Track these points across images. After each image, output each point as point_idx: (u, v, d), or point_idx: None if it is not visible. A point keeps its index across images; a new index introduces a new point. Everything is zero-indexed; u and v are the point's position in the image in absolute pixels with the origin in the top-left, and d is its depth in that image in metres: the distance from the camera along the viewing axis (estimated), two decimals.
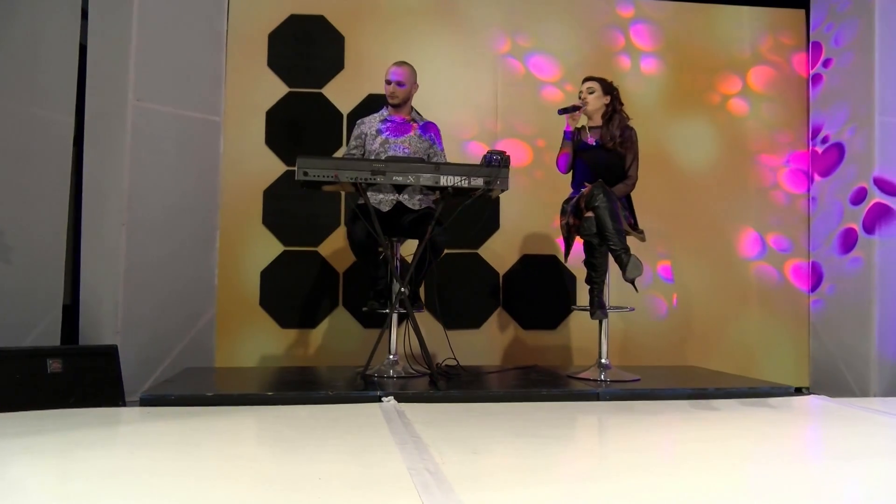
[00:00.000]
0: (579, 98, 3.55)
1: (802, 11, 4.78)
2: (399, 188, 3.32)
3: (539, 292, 4.48)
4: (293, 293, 4.34)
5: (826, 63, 4.51)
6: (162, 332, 3.95)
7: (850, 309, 4.21)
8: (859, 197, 4.24)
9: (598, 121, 3.52)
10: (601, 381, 3.29)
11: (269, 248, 4.36)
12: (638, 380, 3.29)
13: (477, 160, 4.38)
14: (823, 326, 4.46)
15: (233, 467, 1.94)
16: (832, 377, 4.31)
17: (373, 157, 3.47)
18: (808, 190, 4.70)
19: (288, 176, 4.37)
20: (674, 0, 4.76)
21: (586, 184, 3.36)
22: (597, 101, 3.53)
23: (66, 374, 2.83)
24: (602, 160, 3.47)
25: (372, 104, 4.42)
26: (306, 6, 4.48)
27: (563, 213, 3.46)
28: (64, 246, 4.31)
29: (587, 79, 3.62)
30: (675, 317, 4.57)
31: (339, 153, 4.38)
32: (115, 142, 3.90)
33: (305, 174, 2.97)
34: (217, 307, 4.20)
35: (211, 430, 2.39)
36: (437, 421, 2.54)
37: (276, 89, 4.43)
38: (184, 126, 4.07)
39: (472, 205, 3.28)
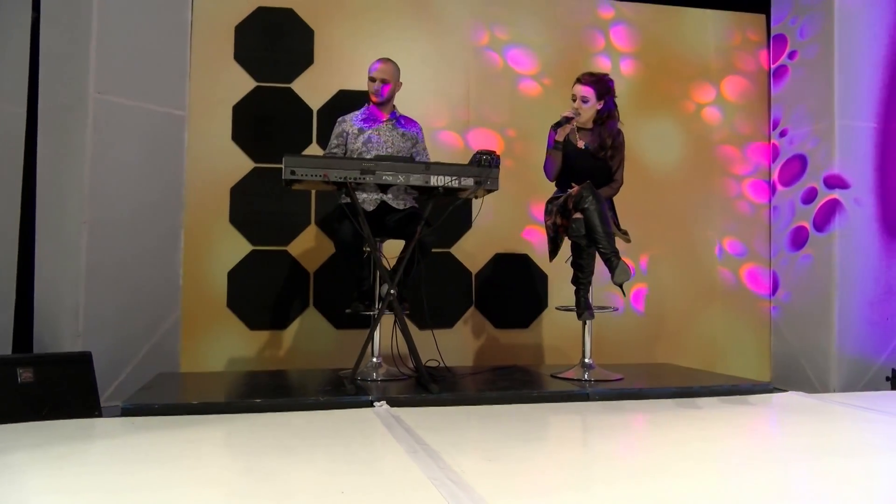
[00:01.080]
0: (572, 102, 3.44)
1: (763, 16, 4.91)
2: (384, 187, 3.26)
3: (511, 291, 4.48)
4: (262, 294, 4.22)
5: (791, 55, 4.61)
6: (125, 336, 3.80)
7: (811, 306, 4.35)
8: (810, 196, 4.40)
9: (588, 124, 3.47)
10: (586, 380, 3.31)
11: (236, 247, 4.22)
12: (621, 378, 3.32)
13: (448, 149, 4.42)
14: (784, 323, 4.60)
15: (250, 482, 1.87)
16: (793, 372, 4.45)
17: (355, 156, 3.40)
18: (770, 200, 4.82)
19: (256, 173, 4.25)
20: (642, 2, 4.82)
21: (573, 184, 3.35)
22: (590, 111, 3.44)
23: (38, 384, 2.68)
24: (589, 163, 3.44)
25: (343, 100, 4.34)
26: None
27: (549, 212, 3.44)
28: (16, 245, 4.10)
29: (582, 81, 3.45)
30: (644, 314, 4.64)
31: (310, 150, 4.28)
32: (74, 136, 3.71)
33: (293, 173, 2.88)
34: (182, 309, 4.05)
35: (208, 442, 2.30)
36: (437, 426, 2.50)
37: (244, 83, 4.29)
38: (147, 120, 3.91)
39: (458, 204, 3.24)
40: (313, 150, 4.30)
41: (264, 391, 3.00)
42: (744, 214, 4.84)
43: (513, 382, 3.27)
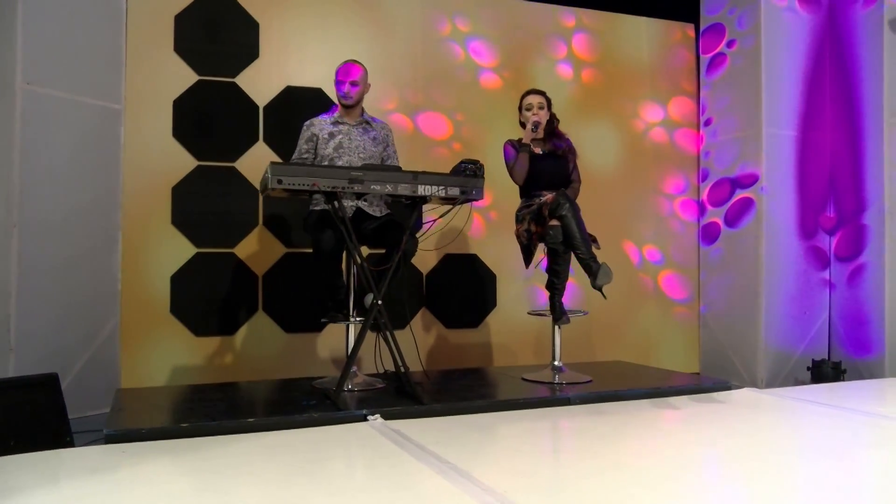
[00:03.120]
0: (528, 112, 3.64)
1: (692, 24, 5.17)
2: (360, 194, 3.20)
3: (461, 291, 4.52)
4: (208, 298, 4.04)
5: (730, 44, 4.81)
6: (59, 347, 3.55)
7: (737, 303, 4.66)
8: (723, 195, 4.77)
9: (540, 133, 3.61)
10: (556, 383, 3.40)
11: (179, 250, 4.01)
12: (591, 381, 3.44)
13: (400, 133, 4.34)
14: (712, 319, 4.90)
15: None
16: (721, 364, 4.76)
17: (326, 162, 3.31)
18: (699, 219, 5.10)
19: (200, 172, 4.05)
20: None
21: (544, 192, 3.44)
22: (546, 115, 3.66)
23: (4, 412, 2.45)
24: (549, 168, 3.59)
25: (291, 96, 4.20)
26: None
27: (520, 220, 3.51)
28: None
29: (533, 92, 3.70)
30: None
31: (256, 148, 4.12)
32: None
33: (280, 182, 2.77)
34: (121, 316, 3.81)
35: (221, 469, 2.18)
36: (445, 439, 2.50)
37: (185, 77, 4.06)
38: (79, 114, 3.64)
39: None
40: (260, 148, 4.15)
41: (250, 408, 2.89)
42: (671, 218, 5.09)
43: (491, 388, 3.31)
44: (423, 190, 2.98)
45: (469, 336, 4.53)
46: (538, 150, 3.63)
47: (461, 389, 3.30)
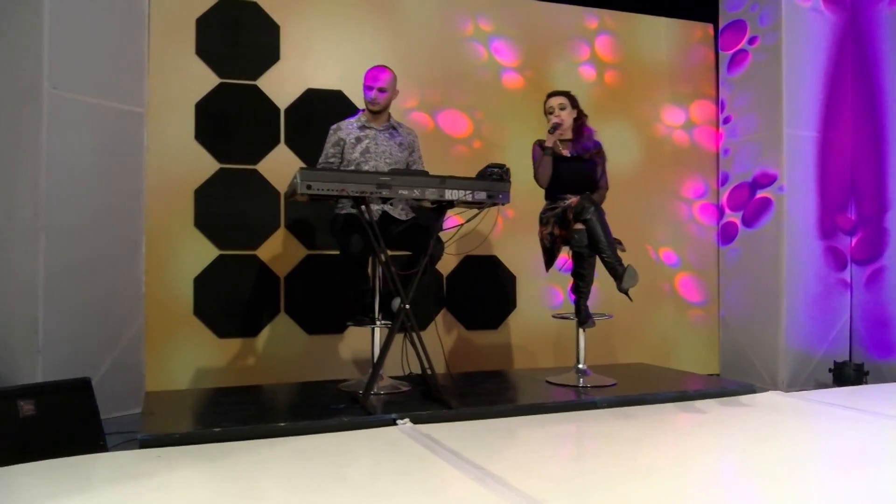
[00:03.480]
0: (550, 115, 3.63)
1: (711, 24, 5.15)
2: (385, 198, 3.21)
3: (481, 292, 4.52)
4: (231, 300, 4.06)
5: (752, 40, 4.77)
6: (84, 349, 3.56)
7: (758, 303, 4.64)
8: (743, 197, 4.76)
9: (569, 133, 3.60)
10: (581, 386, 3.41)
11: (202, 252, 4.03)
12: (616, 384, 3.44)
13: (420, 131, 4.32)
14: (732, 318, 4.89)
15: None
16: (740, 365, 4.75)
17: (353, 166, 3.32)
18: (718, 221, 5.08)
19: (222, 174, 4.07)
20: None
21: (569, 196, 3.44)
22: (569, 117, 3.65)
23: (40, 417, 2.48)
24: (575, 170, 3.58)
25: (312, 99, 4.21)
26: None
27: (544, 223, 3.51)
28: None
29: (553, 94, 3.70)
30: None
31: (278, 151, 4.14)
32: (25, 135, 3.42)
33: (309, 187, 2.78)
34: (146, 318, 3.83)
35: (255, 475, 2.20)
36: (475, 443, 2.51)
37: (206, 80, 4.07)
38: (103, 118, 3.65)
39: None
40: (281, 150, 4.16)
41: (279, 412, 2.90)
42: (690, 222, 5.08)
43: (517, 391, 3.32)
44: (450, 194, 2.99)
45: (489, 337, 4.54)
46: (565, 152, 3.62)
47: (487, 393, 3.31)
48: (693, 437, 2.77)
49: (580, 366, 3.56)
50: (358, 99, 4.22)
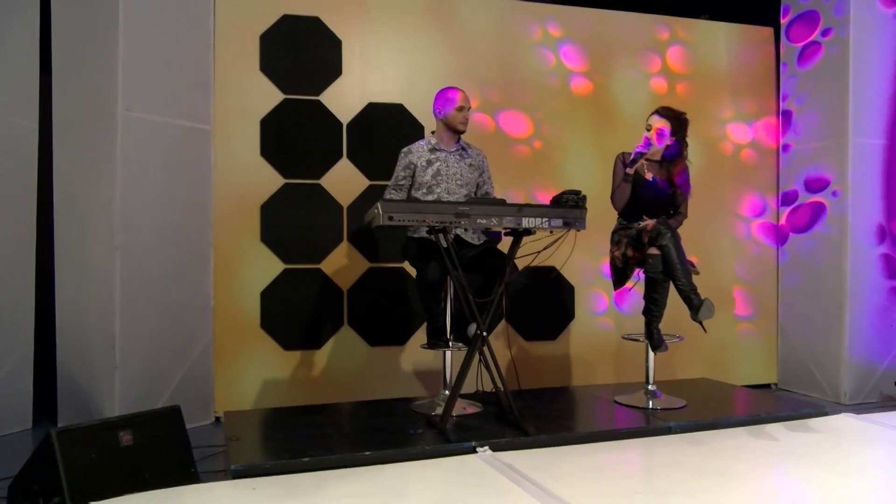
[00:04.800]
0: (647, 131, 3.51)
1: (770, 29, 5.06)
2: None
3: (541, 303, 4.53)
4: (296, 313, 4.13)
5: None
6: (156, 364, 3.66)
7: (820, 312, 4.60)
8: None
9: (657, 156, 3.52)
10: (652, 409, 3.42)
11: (268, 266, 4.10)
12: (685, 406, 3.45)
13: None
14: (791, 327, 4.85)
15: None
16: (800, 375, 4.71)
17: (424, 189, 3.35)
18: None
19: (287, 189, 4.12)
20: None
21: (644, 216, 3.42)
22: (663, 141, 3.53)
23: (137, 446, 2.55)
24: (654, 195, 3.52)
25: (373, 113, 4.24)
26: (300, 6, 4.16)
27: (616, 243, 3.49)
28: (33, 272, 3.86)
29: (662, 114, 3.54)
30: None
31: (340, 166, 4.17)
32: (101, 155, 3.52)
33: (391, 219, 2.82)
34: (214, 332, 3.92)
35: None
36: (560, 475, 2.53)
37: (271, 96, 4.12)
38: (172, 136, 3.73)
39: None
40: (344, 164, 4.20)
41: (360, 438, 2.96)
42: (748, 235, 5.03)
43: (587, 412, 3.34)
44: (527, 222, 3.00)
45: (548, 348, 4.56)
46: (649, 175, 3.52)
47: (558, 415, 3.34)
48: (769, 468, 2.75)
49: (650, 387, 3.56)
50: (418, 112, 4.26)
